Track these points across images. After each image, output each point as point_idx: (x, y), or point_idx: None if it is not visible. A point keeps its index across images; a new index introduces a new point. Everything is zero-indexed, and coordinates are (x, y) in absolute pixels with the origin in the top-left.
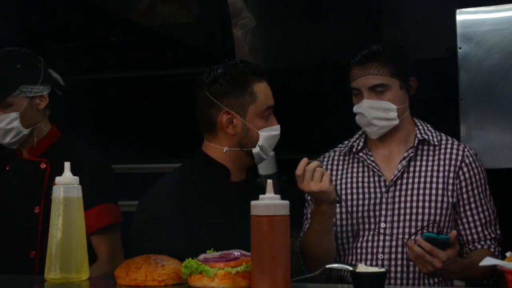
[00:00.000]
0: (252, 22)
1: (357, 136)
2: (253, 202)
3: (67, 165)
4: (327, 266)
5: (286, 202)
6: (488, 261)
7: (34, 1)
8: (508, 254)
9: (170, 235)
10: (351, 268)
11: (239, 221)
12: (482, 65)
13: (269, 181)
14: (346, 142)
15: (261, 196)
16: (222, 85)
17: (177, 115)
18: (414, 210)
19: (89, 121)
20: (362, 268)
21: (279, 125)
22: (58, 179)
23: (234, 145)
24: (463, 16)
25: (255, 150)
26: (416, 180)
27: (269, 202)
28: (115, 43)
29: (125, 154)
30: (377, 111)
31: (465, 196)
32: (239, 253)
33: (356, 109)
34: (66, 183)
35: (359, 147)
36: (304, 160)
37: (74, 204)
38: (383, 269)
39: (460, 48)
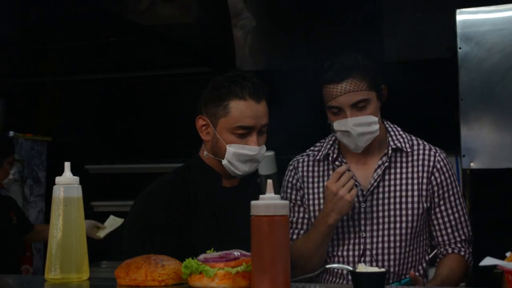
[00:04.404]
0: (252, 22)
1: (330, 142)
2: (253, 202)
3: (67, 165)
4: (327, 266)
5: (286, 202)
6: (488, 261)
7: (34, 1)
8: (508, 254)
9: (158, 235)
10: (351, 268)
11: (226, 226)
12: (482, 65)
13: (269, 181)
14: (318, 145)
15: (261, 196)
16: (208, 92)
17: (177, 115)
18: (392, 219)
19: (90, 120)
20: (362, 268)
21: (256, 147)
22: (58, 179)
23: (209, 151)
24: (463, 16)
25: (224, 162)
26: (392, 188)
27: (269, 202)
28: (115, 43)
29: (125, 154)
30: (362, 127)
31: (436, 200)
32: (239, 253)
33: (339, 127)
34: (66, 183)
35: (335, 155)
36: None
37: (74, 204)
38: (383, 269)
39: (460, 48)
